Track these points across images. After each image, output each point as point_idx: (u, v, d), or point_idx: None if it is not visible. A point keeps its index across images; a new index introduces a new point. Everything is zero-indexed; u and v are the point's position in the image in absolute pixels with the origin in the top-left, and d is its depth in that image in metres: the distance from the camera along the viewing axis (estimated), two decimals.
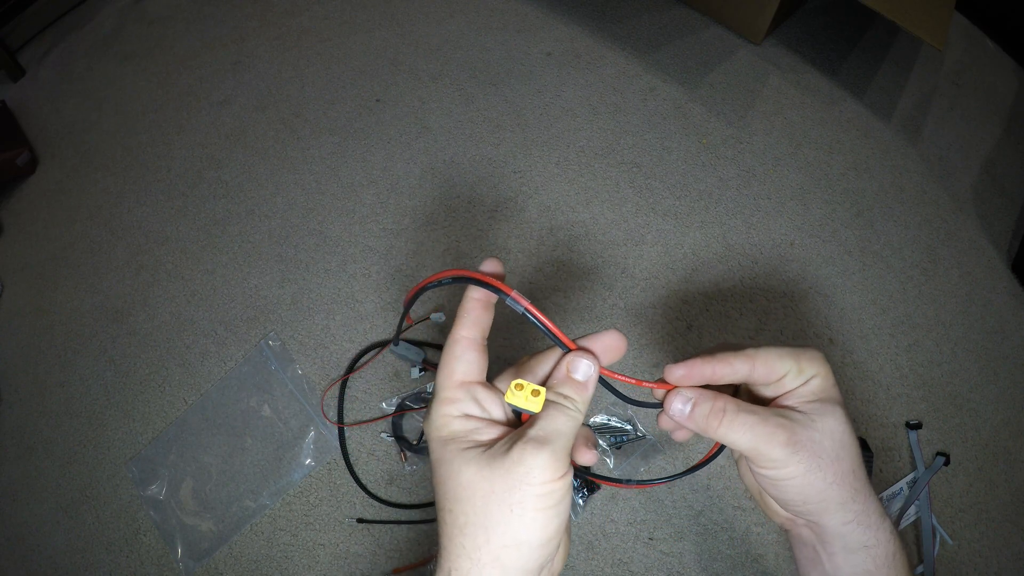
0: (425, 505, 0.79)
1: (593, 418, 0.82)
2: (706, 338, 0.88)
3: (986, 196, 1.03)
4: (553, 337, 0.28)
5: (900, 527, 0.76)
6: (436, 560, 0.27)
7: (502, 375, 0.32)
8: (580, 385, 0.28)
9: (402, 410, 0.83)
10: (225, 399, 0.87)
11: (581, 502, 0.78)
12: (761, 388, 0.31)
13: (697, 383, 0.30)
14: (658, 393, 0.31)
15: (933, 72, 1.17)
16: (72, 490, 0.84)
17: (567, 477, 0.26)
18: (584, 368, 0.28)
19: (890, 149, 1.06)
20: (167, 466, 0.83)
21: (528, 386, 0.28)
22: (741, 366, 0.29)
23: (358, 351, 0.88)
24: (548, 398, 0.28)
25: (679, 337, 0.89)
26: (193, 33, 1.25)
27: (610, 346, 0.30)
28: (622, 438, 0.80)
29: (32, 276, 1.00)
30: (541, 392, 0.28)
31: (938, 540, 0.75)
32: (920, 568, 0.74)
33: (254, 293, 0.94)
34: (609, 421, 0.82)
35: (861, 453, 0.30)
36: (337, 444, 0.82)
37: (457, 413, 0.28)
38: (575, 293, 0.92)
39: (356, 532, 0.78)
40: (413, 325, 0.89)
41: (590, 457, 0.30)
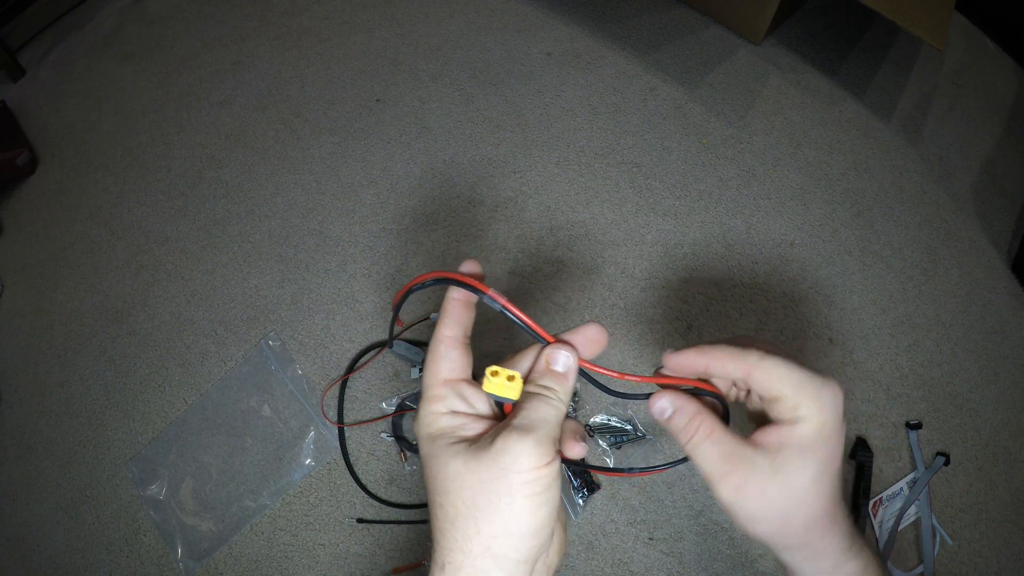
0: (425, 505, 0.79)
1: (593, 418, 0.82)
2: (706, 338, 0.88)
3: (986, 196, 1.03)
4: (531, 331, 0.29)
5: (900, 527, 0.76)
6: (430, 557, 0.27)
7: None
8: (560, 376, 0.29)
9: (402, 410, 0.83)
10: (225, 399, 0.87)
11: (581, 502, 0.78)
12: (761, 401, 0.30)
13: (689, 375, 0.30)
14: (651, 385, 0.31)
15: (933, 72, 1.17)
16: (72, 490, 0.84)
17: (554, 464, 0.26)
18: (563, 359, 0.29)
19: (890, 149, 1.06)
20: (167, 466, 0.83)
21: (503, 372, 0.28)
22: (735, 369, 0.28)
23: (358, 351, 0.88)
24: (530, 390, 0.28)
25: (679, 337, 0.89)
26: (193, 33, 1.25)
27: (591, 338, 0.30)
28: (622, 438, 0.80)
29: (32, 276, 1.00)
30: (516, 377, 0.28)
31: (938, 540, 0.75)
32: (920, 568, 0.74)
33: (254, 293, 0.94)
34: (609, 421, 0.82)
35: (834, 508, 0.28)
36: (337, 444, 0.82)
37: (443, 410, 0.29)
38: (575, 293, 0.92)
39: (356, 532, 0.78)
40: (413, 325, 0.89)
41: (579, 450, 0.31)
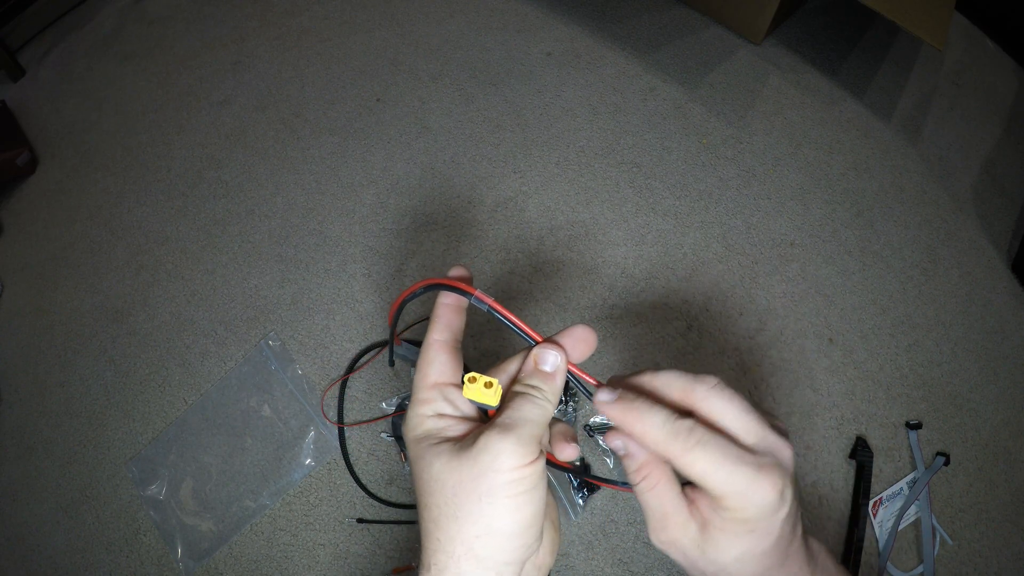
0: None
1: (593, 418, 0.82)
2: (706, 338, 0.88)
3: (986, 196, 1.03)
4: (519, 332, 0.29)
5: (900, 527, 0.76)
6: (420, 559, 0.27)
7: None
8: (547, 375, 0.29)
9: (402, 410, 0.83)
10: (225, 399, 0.87)
11: (581, 502, 0.78)
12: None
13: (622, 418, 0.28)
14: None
15: (933, 72, 1.17)
16: (72, 490, 0.84)
17: (537, 464, 0.26)
18: (552, 359, 0.29)
19: (890, 149, 1.06)
20: (167, 466, 0.83)
21: (481, 378, 0.28)
22: (668, 447, 0.26)
23: (358, 351, 0.88)
24: (516, 389, 0.28)
25: (679, 337, 0.89)
26: (193, 33, 1.25)
27: (580, 338, 0.30)
28: None
29: (32, 276, 1.00)
30: (494, 383, 0.28)
31: (938, 540, 0.75)
32: (920, 568, 0.74)
33: (254, 293, 0.94)
34: (609, 421, 0.82)
35: (770, 571, 0.27)
36: (337, 444, 0.82)
37: (430, 413, 0.29)
38: (575, 293, 0.92)
39: (356, 532, 0.78)
40: (414, 325, 0.89)
41: (571, 452, 0.30)
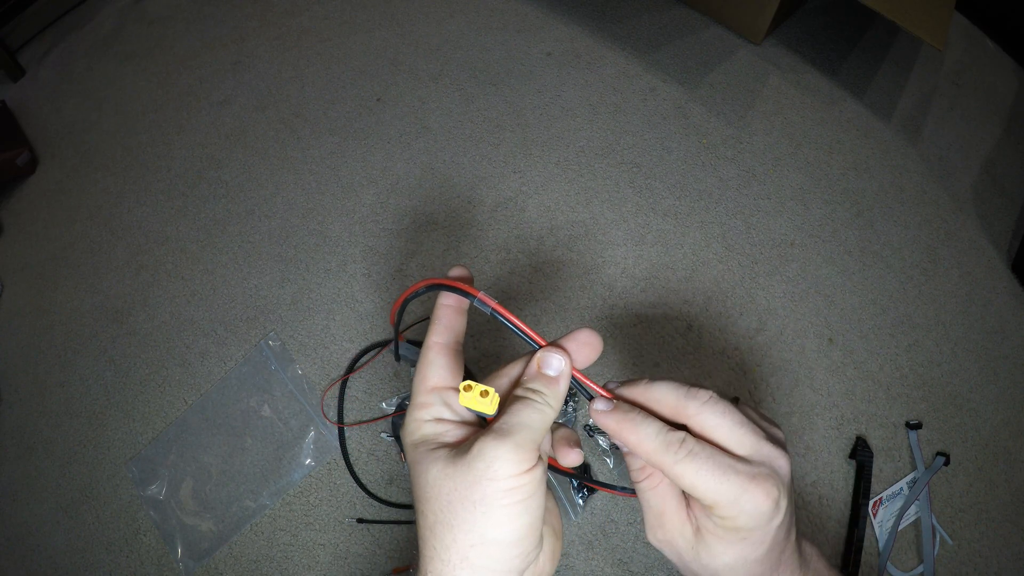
0: None
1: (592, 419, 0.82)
2: (706, 338, 0.88)
3: (986, 196, 1.03)
4: (523, 335, 0.28)
5: (900, 527, 0.76)
6: (415, 566, 0.27)
7: (484, 381, 0.32)
8: (550, 380, 0.28)
9: (402, 410, 0.83)
10: (225, 399, 0.87)
11: (581, 502, 0.78)
12: None
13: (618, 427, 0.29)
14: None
15: (933, 72, 1.17)
16: (72, 490, 0.84)
17: (535, 472, 0.25)
18: (556, 363, 0.28)
19: (890, 149, 1.06)
20: (167, 466, 0.83)
21: (476, 387, 0.27)
22: (661, 459, 0.27)
23: (358, 351, 0.88)
24: (516, 393, 0.28)
25: (679, 337, 0.89)
26: (193, 33, 1.25)
27: (584, 343, 0.29)
28: None
29: (32, 276, 1.00)
30: (490, 392, 0.27)
31: (938, 540, 0.75)
32: (920, 568, 0.74)
33: (254, 293, 0.94)
34: None
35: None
36: (337, 444, 0.82)
37: (428, 417, 0.28)
38: (575, 293, 0.92)
39: (356, 532, 0.78)
40: (415, 325, 0.89)
41: (574, 457, 0.30)
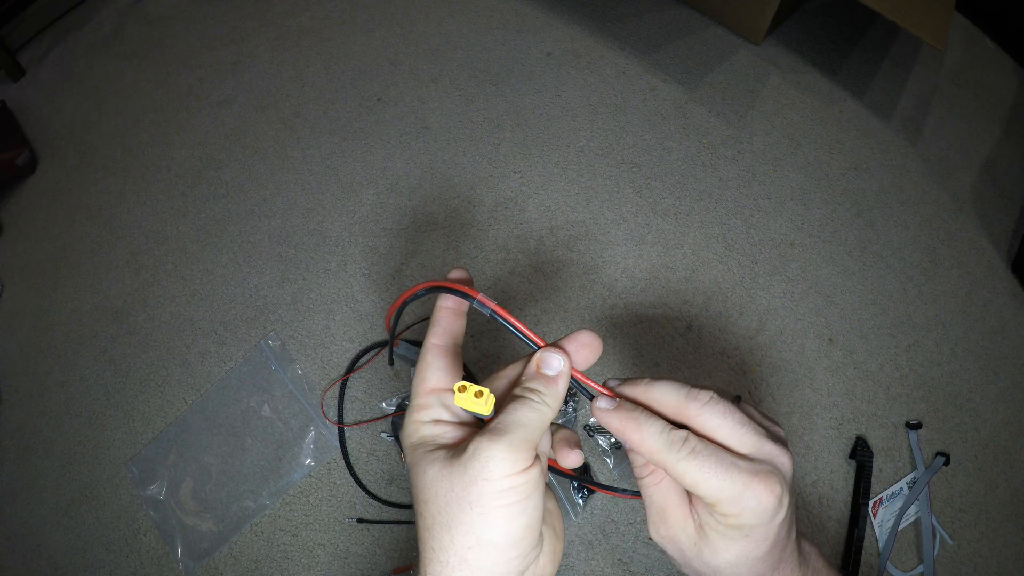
0: None
1: (593, 419, 0.82)
2: (706, 338, 0.88)
3: (986, 196, 1.03)
4: (521, 336, 0.28)
5: (900, 527, 0.76)
6: (415, 567, 0.27)
7: (483, 383, 0.31)
8: (549, 379, 0.28)
9: (402, 410, 0.83)
10: (225, 399, 0.87)
11: (581, 502, 0.78)
12: None
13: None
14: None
15: (933, 72, 1.17)
16: (72, 490, 0.84)
17: (531, 472, 0.25)
18: (555, 363, 0.28)
19: (890, 149, 1.06)
20: (167, 466, 0.83)
21: (471, 388, 0.27)
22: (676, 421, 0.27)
23: (358, 351, 0.88)
24: (515, 393, 0.28)
25: (679, 337, 0.89)
26: (193, 33, 1.25)
27: (584, 344, 0.29)
28: None
29: (32, 276, 1.00)
30: (485, 392, 0.27)
31: (938, 540, 0.75)
32: (920, 568, 0.74)
33: (254, 293, 0.94)
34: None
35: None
36: (337, 444, 0.82)
37: (427, 419, 0.28)
38: (575, 293, 0.92)
39: (356, 532, 0.78)
40: (414, 325, 0.89)
41: (575, 458, 0.30)
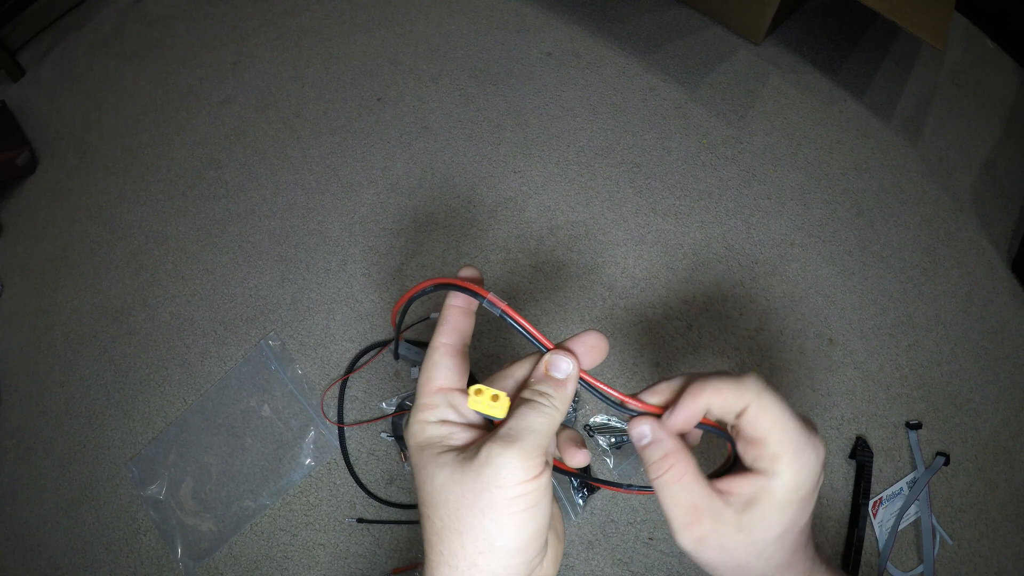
0: None
1: (593, 418, 0.82)
2: (706, 338, 0.88)
3: (986, 196, 1.03)
4: (531, 338, 0.28)
5: (900, 527, 0.76)
6: (421, 568, 0.27)
7: (488, 382, 0.31)
8: (558, 382, 0.28)
9: (402, 410, 0.83)
10: (225, 399, 0.87)
11: (581, 502, 0.78)
12: (743, 442, 0.28)
13: (691, 413, 0.28)
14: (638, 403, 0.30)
15: (933, 72, 1.17)
16: (72, 490, 0.84)
17: (541, 478, 0.25)
18: (564, 366, 0.28)
19: (890, 149, 1.06)
20: (167, 466, 0.83)
21: (487, 391, 0.27)
22: (736, 400, 0.27)
23: (358, 351, 0.88)
24: (524, 396, 0.27)
25: (679, 337, 0.89)
26: (193, 33, 1.25)
27: (592, 345, 0.29)
28: (622, 438, 0.80)
29: (32, 276, 1.00)
30: (501, 396, 0.27)
31: (938, 540, 0.75)
32: (920, 568, 0.74)
33: (254, 293, 0.94)
34: (609, 421, 0.82)
35: (793, 557, 0.27)
36: (337, 444, 0.82)
37: (433, 419, 0.28)
38: (575, 293, 0.92)
39: (356, 532, 0.78)
40: (414, 325, 0.89)
41: (581, 458, 0.30)
